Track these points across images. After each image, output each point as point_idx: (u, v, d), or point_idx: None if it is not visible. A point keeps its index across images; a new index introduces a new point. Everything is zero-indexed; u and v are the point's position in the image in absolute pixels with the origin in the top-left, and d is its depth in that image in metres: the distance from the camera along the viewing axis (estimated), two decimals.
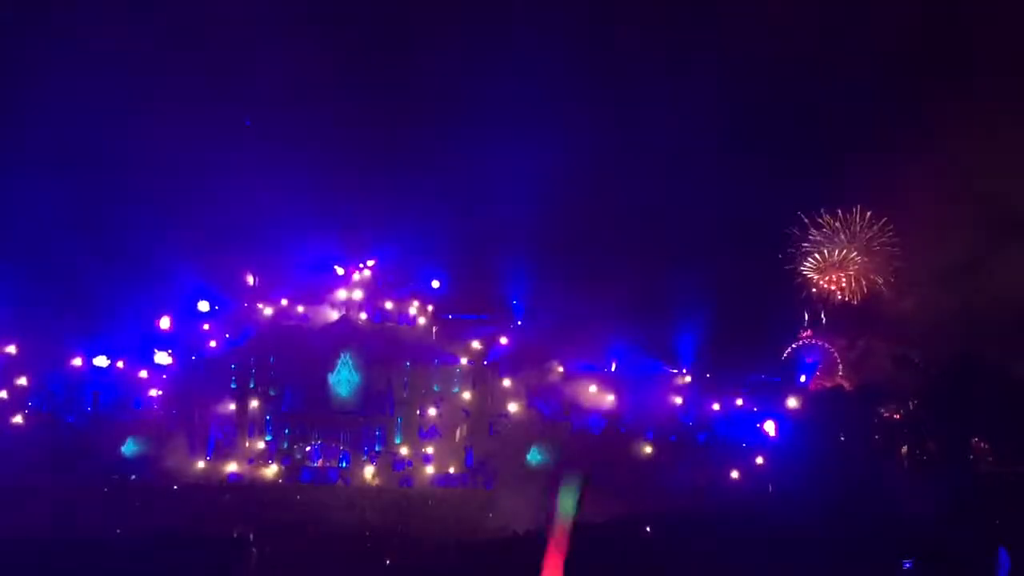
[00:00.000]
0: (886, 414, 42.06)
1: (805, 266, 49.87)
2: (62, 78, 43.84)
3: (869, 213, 48.73)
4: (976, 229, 42.03)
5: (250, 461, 44.26)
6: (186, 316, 46.93)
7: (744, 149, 46.93)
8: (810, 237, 49.74)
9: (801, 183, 48.40)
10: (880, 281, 48.66)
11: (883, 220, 48.35)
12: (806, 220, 49.69)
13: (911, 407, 41.47)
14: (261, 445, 45.31)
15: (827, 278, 49.58)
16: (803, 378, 45.77)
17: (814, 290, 49.51)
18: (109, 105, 43.11)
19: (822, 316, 49.21)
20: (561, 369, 46.38)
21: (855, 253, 49.13)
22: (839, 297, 49.33)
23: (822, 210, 49.37)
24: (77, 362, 45.03)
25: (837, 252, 49.32)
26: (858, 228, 49.12)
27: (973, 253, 42.37)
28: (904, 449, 41.00)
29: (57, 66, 43.82)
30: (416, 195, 47.08)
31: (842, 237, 49.33)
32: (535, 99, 45.15)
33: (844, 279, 49.28)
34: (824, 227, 49.55)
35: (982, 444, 38.55)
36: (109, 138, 43.65)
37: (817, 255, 49.72)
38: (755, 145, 46.81)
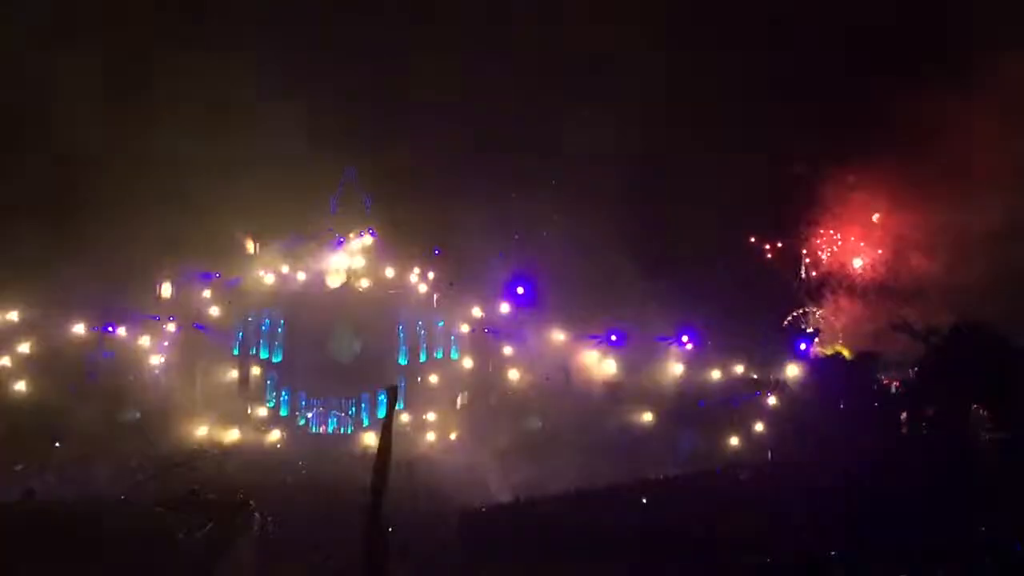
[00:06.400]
0: (886, 381, 42.03)
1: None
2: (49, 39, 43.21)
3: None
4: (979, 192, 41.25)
5: (251, 429, 44.65)
6: (187, 283, 47.05)
7: (751, 107, 46.02)
8: None
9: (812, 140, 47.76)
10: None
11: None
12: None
13: (911, 374, 41.42)
14: (262, 412, 45.64)
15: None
16: (803, 346, 45.73)
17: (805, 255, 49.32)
18: (105, 63, 42.49)
19: (821, 281, 48.95)
20: (562, 336, 46.43)
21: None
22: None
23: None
24: (79, 329, 45.12)
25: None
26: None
27: (976, 218, 41.78)
28: (904, 415, 40.97)
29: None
30: (417, 160, 46.89)
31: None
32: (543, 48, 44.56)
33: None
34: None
35: (981, 411, 38.47)
36: (108, 98, 43.06)
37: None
38: (763, 99, 45.87)
